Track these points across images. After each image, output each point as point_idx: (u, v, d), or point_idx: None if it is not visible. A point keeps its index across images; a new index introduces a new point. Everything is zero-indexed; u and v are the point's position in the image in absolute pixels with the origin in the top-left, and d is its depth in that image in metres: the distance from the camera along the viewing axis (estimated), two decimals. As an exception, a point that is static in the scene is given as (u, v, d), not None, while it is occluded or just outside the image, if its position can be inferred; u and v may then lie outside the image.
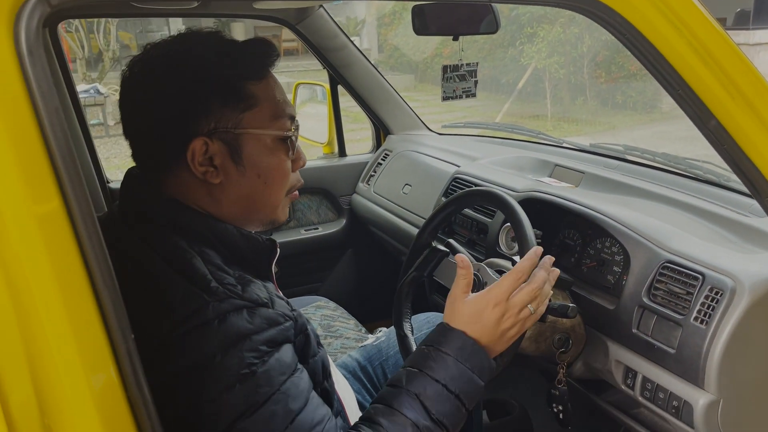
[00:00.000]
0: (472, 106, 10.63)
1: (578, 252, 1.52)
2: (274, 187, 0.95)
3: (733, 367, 1.07)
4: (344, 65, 2.28)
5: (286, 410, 0.79)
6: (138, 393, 0.63)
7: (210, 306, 0.79)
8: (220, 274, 0.84)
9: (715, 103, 0.90)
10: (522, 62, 10.49)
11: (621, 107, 9.72)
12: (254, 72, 0.92)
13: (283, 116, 0.94)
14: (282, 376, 0.81)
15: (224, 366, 0.77)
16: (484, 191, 1.35)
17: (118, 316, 0.62)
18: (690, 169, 1.67)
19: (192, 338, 0.78)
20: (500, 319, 1.00)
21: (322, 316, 1.97)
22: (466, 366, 0.94)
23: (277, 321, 0.83)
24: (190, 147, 0.87)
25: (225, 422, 0.77)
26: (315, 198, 2.47)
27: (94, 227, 0.61)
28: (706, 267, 1.13)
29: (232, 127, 0.89)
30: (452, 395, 0.92)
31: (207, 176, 0.89)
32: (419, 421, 0.88)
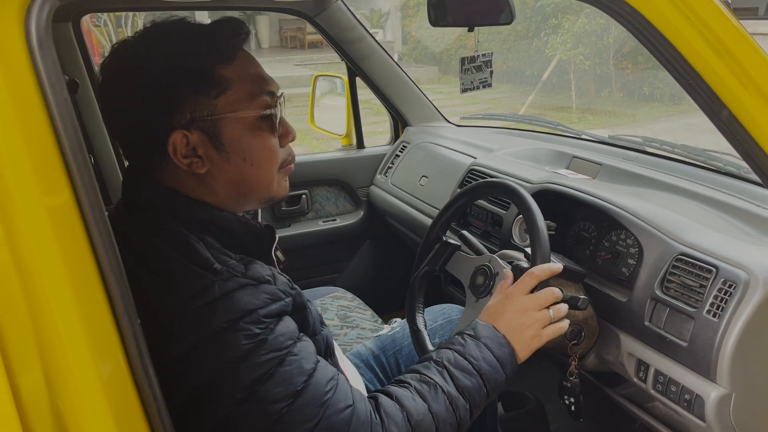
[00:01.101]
0: (496, 99, 10.55)
1: (593, 244, 1.51)
2: (263, 167, 0.95)
3: (745, 361, 1.06)
4: (362, 57, 2.28)
5: (300, 370, 0.83)
6: (144, 375, 0.65)
7: (216, 285, 0.82)
8: (222, 257, 0.86)
9: (726, 93, 0.89)
10: (547, 53, 10.37)
11: (648, 99, 9.57)
12: (222, 55, 0.90)
13: (260, 94, 0.93)
14: (290, 340, 0.84)
15: (234, 339, 0.80)
16: (495, 182, 1.35)
17: (125, 303, 0.64)
18: (709, 160, 1.64)
19: (199, 316, 0.80)
20: (517, 313, 1.07)
21: (339, 307, 1.99)
22: (493, 352, 1.01)
23: (279, 296, 0.87)
24: (170, 141, 0.88)
25: (243, 389, 0.79)
26: (333, 190, 2.48)
27: (102, 216, 0.63)
28: (719, 259, 1.12)
29: (208, 114, 0.89)
30: (476, 373, 0.98)
31: (193, 167, 0.90)
32: (444, 386, 0.95)
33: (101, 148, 2.03)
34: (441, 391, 0.94)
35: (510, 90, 11.16)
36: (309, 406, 0.83)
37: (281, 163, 0.98)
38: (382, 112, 2.58)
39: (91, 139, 2.00)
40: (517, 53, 11.16)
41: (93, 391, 0.62)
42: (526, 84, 10.92)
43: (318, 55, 13.97)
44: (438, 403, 0.94)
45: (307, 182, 2.41)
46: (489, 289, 1.27)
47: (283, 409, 0.81)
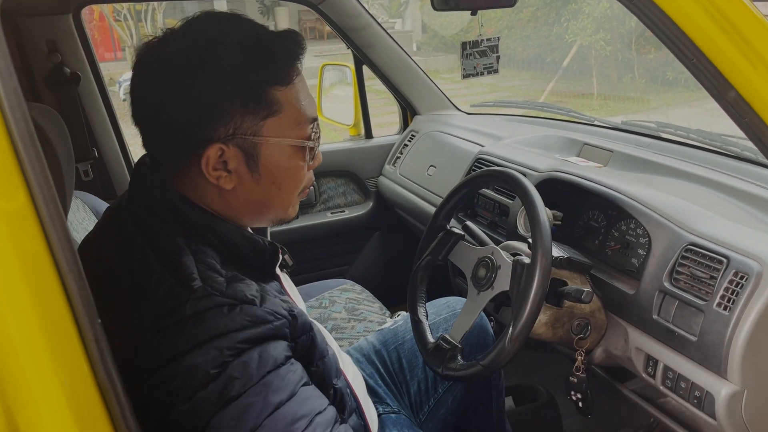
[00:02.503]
0: (516, 86, 10.44)
1: (602, 234, 1.46)
2: (288, 191, 0.92)
3: (757, 357, 1.00)
4: (368, 45, 2.24)
5: (264, 403, 0.74)
6: (107, 378, 0.62)
7: (188, 303, 0.76)
8: (208, 273, 0.80)
9: (734, 73, 0.84)
10: (567, 39, 10.21)
11: (671, 84, 9.36)
12: (280, 77, 0.85)
13: (306, 122, 0.89)
14: (262, 369, 0.76)
15: (197, 363, 0.73)
16: (496, 171, 1.30)
17: (84, 302, 0.61)
18: (726, 146, 1.57)
19: (167, 335, 0.75)
20: None
21: (347, 299, 1.96)
22: None
23: (265, 319, 0.79)
24: (204, 154, 0.83)
25: (202, 419, 0.73)
26: (341, 181, 2.45)
27: (56, 210, 0.60)
28: (731, 249, 1.06)
29: (251, 134, 0.84)
30: None
31: (220, 182, 0.85)
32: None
33: (105, 141, 2.02)
34: None
35: (530, 77, 11.01)
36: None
37: (303, 189, 0.95)
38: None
39: (95, 132, 1.99)
40: (537, 39, 11.02)
41: (53, 401, 0.59)
42: (547, 71, 10.76)
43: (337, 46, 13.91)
44: None
45: (314, 173, 2.36)
46: (491, 282, 1.23)
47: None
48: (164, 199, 0.86)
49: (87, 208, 1.52)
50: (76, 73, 1.89)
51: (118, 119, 2.10)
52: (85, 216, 1.50)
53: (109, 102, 2.05)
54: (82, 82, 1.91)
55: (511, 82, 10.82)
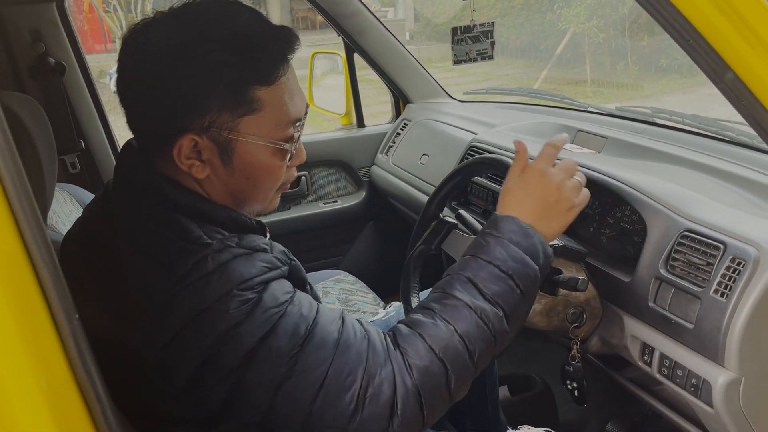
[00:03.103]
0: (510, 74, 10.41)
1: (597, 221, 1.44)
2: (264, 187, 0.91)
3: (755, 344, 0.98)
4: (359, 32, 2.20)
5: (303, 318, 0.79)
6: (86, 376, 0.60)
7: (209, 258, 0.78)
8: (213, 234, 0.82)
9: (731, 54, 0.82)
10: (560, 27, 10.17)
11: (665, 70, 9.35)
12: (264, 77, 0.84)
13: (287, 123, 0.87)
14: (286, 294, 0.81)
15: (229, 307, 0.76)
16: (489, 158, 1.28)
17: (60, 297, 0.58)
18: (721, 131, 1.55)
19: (195, 290, 0.77)
20: (549, 191, 0.98)
21: (340, 290, 1.95)
22: (518, 248, 0.92)
23: (276, 264, 0.83)
24: (177, 143, 0.83)
25: (247, 352, 0.76)
26: (333, 170, 2.42)
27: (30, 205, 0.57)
28: (728, 235, 1.04)
29: (226, 129, 0.83)
30: (505, 275, 0.90)
31: (192, 170, 0.85)
32: (473, 302, 0.87)
33: (93, 133, 1.98)
34: (467, 308, 0.87)
35: (524, 65, 10.98)
36: (319, 349, 0.79)
37: (281, 185, 0.94)
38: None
39: (82, 123, 1.96)
40: (530, 27, 10.98)
41: (31, 402, 0.57)
42: (540, 59, 10.73)
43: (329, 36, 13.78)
44: (465, 321, 0.86)
45: (306, 163, 2.34)
46: None
47: (291, 359, 0.77)
48: (149, 179, 0.86)
49: (74, 201, 1.49)
50: (60, 63, 1.86)
51: (106, 111, 2.06)
52: (72, 209, 1.47)
53: (96, 93, 2.01)
54: (67, 72, 1.87)
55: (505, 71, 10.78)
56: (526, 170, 1.01)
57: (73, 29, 1.92)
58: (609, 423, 1.72)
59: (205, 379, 0.77)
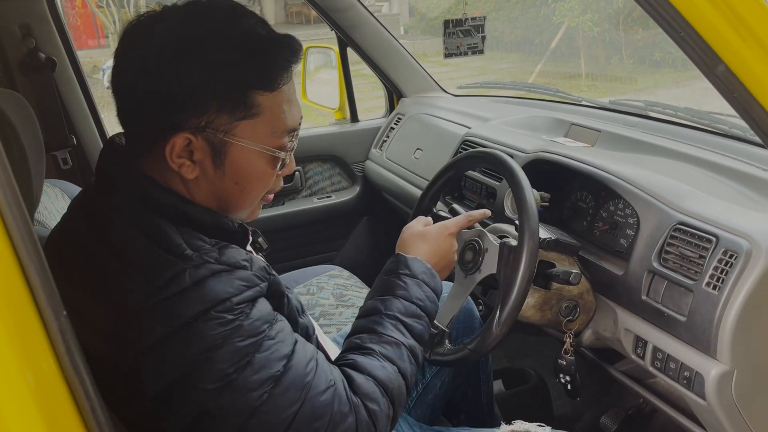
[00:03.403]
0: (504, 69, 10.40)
1: (591, 215, 1.44)
2: (251, 194, 0.90)
3: (747, 336, 0.99)
4: (352, 26, 2.19)
5: (279, 354, 0.79)
6: (74, 373, 0.59)
7: (186, 273, 0.76)
8: (195, 242, 0.80)
9: (722, 46, 0.81)
10: (555, 21, 10.16)
11: (659, 64, 9.35)
12: (267, 82, 0.83)
13: (283, 132, 0.87)
14: (265, 324, 0.80)
15: (206, 328, 0.75)
16: (482, 152, 1.27)
17: (47, 294, 0.58)
18: (714, 123, 1.55)
19: (170, 307, 0.75)
20: (449, 250, 1.12)
21: (335, 285, 1.94)
22: (430, 287, 1.02)
23: (254, 282, 0.81)
24: (171, 140, 0.81)
25: (220, 379, 0.75)
26: (327, 165, 2.42)
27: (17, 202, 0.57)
28: (720, 228, 1.05)
29: (222, 131, 0.82)
30: (424, 314, 0.99)
31: (182, 170, 0.83)
32: (405, 341, 0.94)
33: (84, 128, 1.97)
34: (403, 347, 0.93)
35: (518, 59, 10.97)
36: (291, 390, 0.79)
37: (267, 192, 0.93)
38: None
39: (73, 119, 1.94)
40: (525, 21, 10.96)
41: (19, 400, 0.56)
42: (535, 53, 10.72)
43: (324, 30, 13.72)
44: (403, 360, 0.92)
45: (300, 158, 2.34)
46: (478, 266, 1.21)
47: (263, 395, 0.77)
48: (131, 180, 0.84)
49: (66, 197, 1.48)
50: (51, 58, 1.84)
51: (98, 106, 2.05)
52: (64, 205, 1.46)
53: (87, 88, 2.00)
54: (58, 67, 1.86)
55: (499, 65, 10.77)
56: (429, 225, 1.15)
57: (63, 24, 1.91)
58: (603, 416, 1.72)
59: (174, 398, 0.76)
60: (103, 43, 13.44)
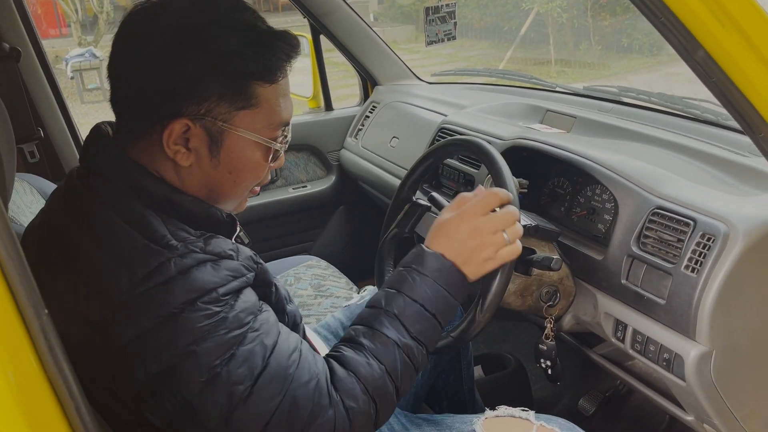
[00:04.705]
0: (474, 56, 10.42)
1: (568, 201, 1.45)
2: (242, 184, 0.91)
3: (725, 317, 1.01)
4: (324, 13, 2.17)
5: (262, 346, 0.79)
6: (57, 372, 0.58)
7: (171, 262, 0.76)
8: (180, 233, 0.80)
9: (702, 31, 0.82)
10: (524, 7, 10.20)
11: (627, 50, 9.46)
12: (268, 74, 0.84)
13: (278, 124, 0.88)
14: (250, 316, 0.80)
15: (192, 319, 0.75)
16: (461, 140, 1.27)
17: (28, 293, 0.56)
18: (687, 108, 1.57)
19: (155, 296, 0.75)
20: (471, 236, 0.96)
21: (312, 276, 1.93)
22: (443, 287, 0.93)
23: (241, 272, 0.81)
24: (169, 126, 0.81)
25: (205, 372, 0.75)
26: (302, 155, 2.39)
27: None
28: (697, 212, 1.06)
29: (221, 120, 0.83)
30: (429, 314, 0.92)
31: (177, 157, 0.84)
32: (400, 340, 0.90)
33: (51, 120, 1.92)
34: (396, 347, 0.89)
35: (488, 46, 11.00)
36: (273, 382, 0.79)
37: (256, 184, 0.94)
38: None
39: (40, 111, 1.89)
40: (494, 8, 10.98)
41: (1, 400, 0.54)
42: (504, 40, 10.75)
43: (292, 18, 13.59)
44: (394, 360, 0.89)
45: None
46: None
47: (246, 389, 0.77)
48: (120, 166, 0.84)
49: (34, 191, 1.44)
50: (15, 48, 1.78)
51: (65, 97, 1.99)
52: (32, 199, 1.42)
53: (54, 79, 1.94)
54: (22, 58, 1.80)
55: (470, 52, 10.79)
56: (459, 211, 0.99)
57: (27, 13, 1.85)
58: (581, 399, 1.75)
59: (159, 390, 0.76)
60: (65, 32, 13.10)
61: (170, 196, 0.83)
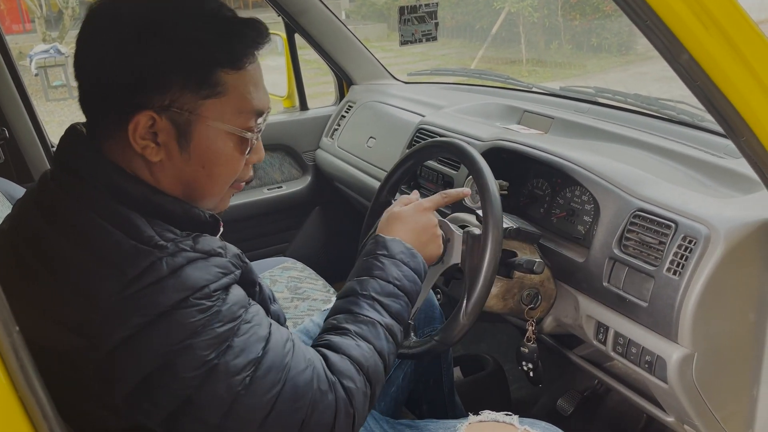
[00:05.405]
0: (446, 54, 10.45)
1: (547, 202, 1.45)
2: (219, 179, 0.87)
3: (707, 319, 1.01)
4: (299, 12, 2.14)
5: (257, 336, 0.79)
6: (30, 393, 0.55)
7: (163, 261, 0.74)
8: (166, 234, 0.78)
9: (686, 35, 0.81)
10: (495, 7, 10.26)
11: (596, 50, 9.58)
12: (232, 60, 0.82)
13: (249, 112, 0.85)
14: (241, 309, 0.79)
15: (185, 315, 0.73)
16: (442, 142, 1.26)
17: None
18: (663, 110, 1.58)
19: (147, 297, 0.73)
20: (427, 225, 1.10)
21: (289, 278, 1.90)
22: (410, 267, 1.01)
23: (230, 269, 0.81)
24: (134, 119, 0.78)
25: (202, 365, 0.74)
26: (277, 155, 2.36)
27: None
28: (679, 214, 1.06)
29: (187, 110, 0.80)
30: (401, 293, 0.98)
31: (146, 152, 0.81)
32: (382, 320, 0.94)
33: (17, 120, 1.85)
34: (379, 326, 0.93)
35: (460, 45, 11.04)
36: (272, 371, 0.79)
37: (235, 180, 0.90)
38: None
39: (4, 110, 1.83)
40: (466, 7, 11.02)
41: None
42: (476, 39, 10.81)
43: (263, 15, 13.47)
44: (380, 339, 0.93)
45: None
46: (441, 256, 1.20)
47: (246, 379, 0.76)
48: (97, 167, 0.81)
49: (0, 195, 1.39)
50: (-22, 45, 1.72)
51: (30, 96, 1.93)
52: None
53: (19, 76, 1.88)
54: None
55: (441, 51, 10.82)
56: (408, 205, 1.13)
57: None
58: (560, 399, 1.75)
59: (154, 390, 0.74)
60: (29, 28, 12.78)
61: (150, 198, 0.81)
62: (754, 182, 1.15)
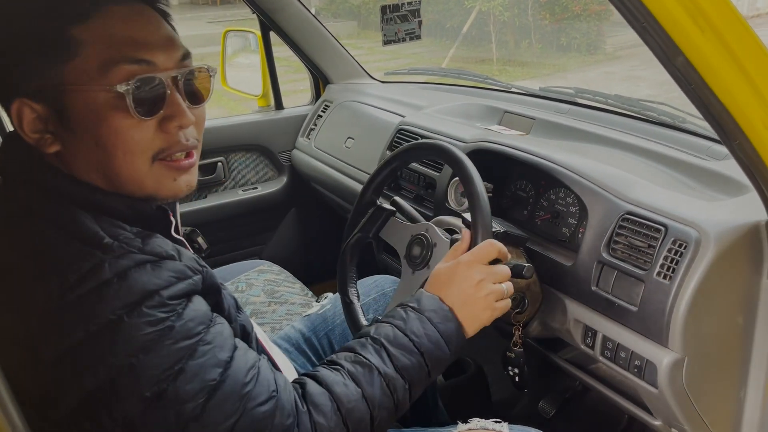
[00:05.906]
0: (417, 53, 10.44)
1: (531, 204, 1.44)
2: (120, 156, 0.76)
3: (698, 323, 1.00)
4: (275, 9, 2.09)
5: (215, 361, 0.72)
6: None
7: (106, 264, 0.68)
8: (114, 230, 0.72)
9: (682, 37, 0.80)
10: (466, 5, 10.29)
11: (565, 49, 9.68)
12: (75, 11, 0.74)
13: (119, 62, 0.74)
14: (201, 326, 0.73)
15: (133, 327, 0.67)
16: (431, 144, 1.23)
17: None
18: (644, 111, 1.58)
19: (89, 302, 0.67)
20: (471, 282, 0.96)
21: (265, 281, 1.86)
22: (437, 328, 0.91)
23: (186, 274, 0.75)
24: (12, 112, 0.74)
25: (149, 387, 0.67)
26: (251, 155, 2.31)
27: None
28: (668, 218, 1.05)
29: (52, 84, 0.74)
30: (417, 351, 0.89)
31: (40, 144, 0.76)
32: (382, 367, 0.86)
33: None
34: (377, 373, 0.85)
35: (430, 44, 11.04)
36: (227, 401, 0.72)
37: (157, 153, 0.79)
38: (302, 68, 2.41)
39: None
40: (437, 5, 11.03)
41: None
42: (447, 37, 10.82)
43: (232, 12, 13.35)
44: (372, 386, 0.85)
45: (222, 148, 2.22)
46: (426, 261, 1.17)
47: (197, 408, 0.70)
48: (32, 170, 0.77)
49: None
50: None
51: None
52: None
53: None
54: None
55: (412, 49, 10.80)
56: (458, 260, 1.00)
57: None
58: (542, 401, 1.74)
59: (96, 410, 0.68)
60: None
61: (89, 197, 0.76)
62: (740, 185, 1.15)
